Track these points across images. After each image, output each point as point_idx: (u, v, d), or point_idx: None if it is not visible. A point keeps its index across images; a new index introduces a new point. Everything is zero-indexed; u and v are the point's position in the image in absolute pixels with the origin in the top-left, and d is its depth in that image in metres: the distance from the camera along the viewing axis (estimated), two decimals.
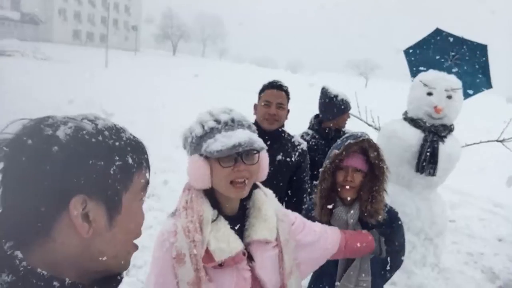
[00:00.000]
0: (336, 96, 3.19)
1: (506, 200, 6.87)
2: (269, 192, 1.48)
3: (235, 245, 1.27)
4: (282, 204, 1.98)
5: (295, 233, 1.50)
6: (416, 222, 3.92)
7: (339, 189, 1.86)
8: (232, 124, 1.30)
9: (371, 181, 1.83)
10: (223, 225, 1.30)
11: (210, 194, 1.34)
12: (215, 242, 1.25)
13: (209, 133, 1.29)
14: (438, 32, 4.20)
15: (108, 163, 0.71)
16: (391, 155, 3.96)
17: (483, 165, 8.81)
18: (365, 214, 1.84)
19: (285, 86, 2.60)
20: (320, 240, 1.57)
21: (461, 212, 6.20)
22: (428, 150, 3.69)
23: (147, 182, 0.81)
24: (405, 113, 4.08)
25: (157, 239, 1.32)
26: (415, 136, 3.80)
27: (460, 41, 4.12)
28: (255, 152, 1.31)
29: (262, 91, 2.61)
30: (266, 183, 1.51)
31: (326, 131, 3.19)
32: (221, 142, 1.24)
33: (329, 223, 1.84)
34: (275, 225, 1.38)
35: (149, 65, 31.89)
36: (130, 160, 0.75)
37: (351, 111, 4.65)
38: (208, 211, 1.29)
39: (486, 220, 6.08)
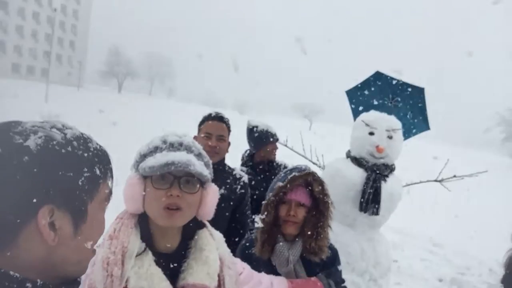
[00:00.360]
0: (255, 127, 3.18)
1: (445, 240, 7.09)
2: (218, 236, 1.32)
3: (160, 286, 1.11)
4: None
5: (242, 284, 1.38)
6: (360, 263, 3.84)
7: (281, 224, 1.76)
8: (179, 147, 1.20)
9: (315, 216, 1.75)
10: (149, 262, 1.13)
11: (145, 226, 1.19)
12: (136, 279, 1.10)
13: (152, 152, 1.20)
14: (378, 74, 4.34)
15: (77, 174, 0.72)
16: (335, 194, 3.90)
17: (422, 205, 9.12)
18: (309, 251, 1.74)
19: (226, 118, 2.58)
20: None
21: (404, 253, 6.28)
22: (371, 189, 3.69)
23: (111, 192, 0.83)
24: (348, 152, 4.10)
25: None
26: (358, 175, 3.80)
27: (399, 84, 4.27)
28: (196, 180, 1.18)
29: (202, 122, 2.56)
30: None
31: (260, 166, 3.15)
32: (156, 159, 1.14)
33: (269, 260, 1.73)
34: (216, 270, 1.22)
35: (91, 101, 30.98)
36: (98, 171, 0.76)
37: (295, 149, 4.68)
38: (134, 243, 1.14)
39: (427, 260, 6.20)
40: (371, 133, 3.87)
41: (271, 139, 3.16)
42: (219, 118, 2.53)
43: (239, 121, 3.42)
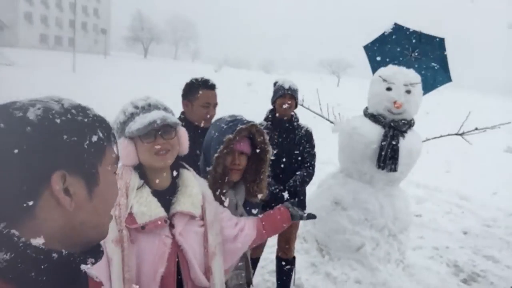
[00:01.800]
0: (276, 82, 3.23)
1: (472, 193, 6.97)
2: (202, 180, 1.69)
3: (156, 211, 1.44)
4: None
5: (223, 221, 1.70)
6: (379, 219, 3.88)
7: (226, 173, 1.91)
8: (149, 107, 1.51)
9: (255, 163, 1.92)
10: (147, 193, 1.46)
11: (140, 172, 1.51)
12: (138, 206, 1.42)
13: (130, 118, 1.49)
14: (396, 27, 4.19)
15: (81, 138, 0.74)
16: (353, 152, 3.93)
17: (449, 159, 8.95)
18: (251, 194, 1.96)
19: (215, 84, 2.66)
20: (241, 230, 1.76)
21: (427, 207, 6.24)
22: (389, 146, 3.65)
23: (118, 156, 0.86)
24: (366, 109, 4.05)
25: None
26: (375, 132, 3.77)
27: (418, 36, 4.12)
28: (171, 128, 1.51)
29: (197, 90, 2.57)
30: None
31: (276, 122, 3.17)
32: (139, 122, 1.45)
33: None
34: (200, 202, 1.57)
35: (118, 68, 31.29)
36: (100, 135, 0.78)
37: (313, 109, 4.64)
38: (135, 180, 1.47)
39: (451, 213, 6.13)
40: (389, 89, 3.79)
41: (280, 92, 3.11)
42: (212, 87, 2.61)
43: (265, 80, 3.39)
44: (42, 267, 0.69)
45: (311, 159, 3.27)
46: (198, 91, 2.56)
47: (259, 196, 1.95)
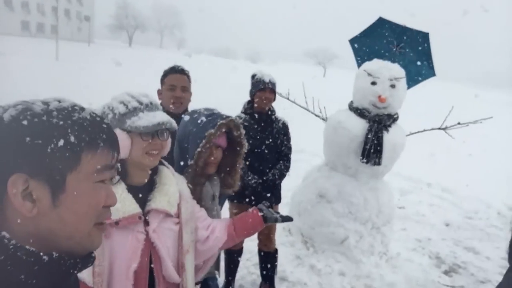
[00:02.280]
0: (255, 75, 3.21)
1: (454, 185, 7.09)
2: (180, 176, 1.72)
3: (131, 208, 1.45)
4: None
5: (198, 220, 1.72)
6: (363, 212, 3.93)
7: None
8: (152, 106, 1.54)
9: (231, 156, 1.97)
10: (122, 189, 1.47)
11: (123, 166, 1.51)
12: None
13: (132, 112, 1.49)
14: (381, 21, 4.20)
15: (46, 141, 0.70)
16: (338, 146, 3.95)
17: (432, 151, 9.06)
18: (226, 186, 2.02)
19: (187, 71, 2.73)
20: (213, 232, 1.78)
21: (411, 199, 6.33)
22: (373, 140, 3.68)
23: (108, 166, 0.79)
24: (351, 103, 4.06)
25: None
26: (360, 126, 3.79)
27: (403, 30, 4.13)
28: (168, 131, 1.56)
29: (165, 76, 2.69)
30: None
31: (256, 115, 3.17)
32: (147, 120, 1.47)
33: (200, 199, 1.94)
34: (176, 200, 1.59)
35: (102, 56, 30.79)
36: (73, 139, 0.73)
37: (298, 102, 4.64)
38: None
39: (435, 205, 6.23)
40: (373, 83, 3.81)
41: (260, 86, 3.10)
42: (180, 71, 2.68)
43: (252, 70, 3.37)
44: (32, 269, 0.68)
45: (288, 152, 3.33)
46: (166, 76, 2.69)
47: (233, 188, 2.02)
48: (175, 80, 2.65)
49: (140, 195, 1.52)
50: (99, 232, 0.80)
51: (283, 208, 4.58)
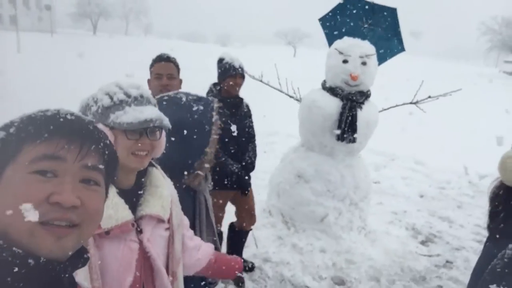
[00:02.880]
0: (223, 59, 3.16)
1: (426, 158, 7.28)
2: (168, 179, 1.53)
3: (123, 214, 1.28)
4: None
5: (185, 228, 1.58)
6: (341, 189, 3.99)
7: None
8: (142, 99, 1.34)
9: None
10: (113, 194, 1.28)
11: None
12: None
13: (117, 105, 1.30)
14: None
15: None
16: (313, 125, 3.97)
17: (404, 126, 9.25)
18: None
19: (173, 58, 2.72)
20: (198, 248, 1.65)
21: (385, 173, 6.47)
22: (347, 118, 3.72)
23: (49, 154, 0.73)
24: (324, 82, 4.08)
25: None
26: (334, 105, 3.82)
27: (371, 6, 4.15)
28: (159, 129, 1.37)
29: (152, 65, 2.69)
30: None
31: (228, 100, 3.14)
32: (133, 115, 1.27)
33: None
34: (169, 204, 1.43)
35: (66, 46, 29.83)
36: (13, 130, 0.72)
37: (271, 84, 4.62)
38: None
39: (408, 178, 6.40)
40: (345, 61, 3.82)
41: (231, 72, 3.08)
42: (166, 59, 2.68)
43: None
44: (19, 272, 0.65)
45: (254, 133, 3.40)
46: (152, 66, 2.69)
47: (211, 164, 2.01)
48: (161, 69, 2.64)
49: (129, 199, 1.34)
50: (47, 234, 0.70)
51: (262, 190, 4.61)
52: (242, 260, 1.78)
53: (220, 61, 3.17)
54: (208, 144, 1.72)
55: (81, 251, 0.77)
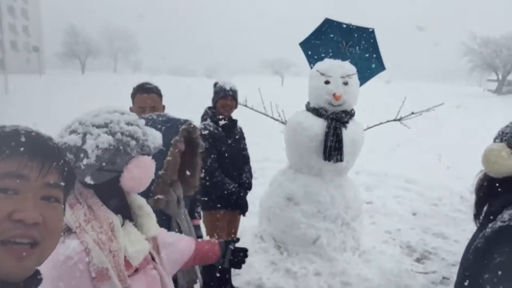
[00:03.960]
0: (216, 83, 3.33)
1: (417, 176, 7.30)
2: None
3: (146, 244, 1.26)
4: None
5: (161, 235, 1.51)
6: (331, 210, 3.95)
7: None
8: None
9: (189, 157, 1.93)
10: (132, 228, 1.25)
11: (113, 200, 1.24)
12: (131, 246, 1.20)
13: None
14: (327, 22, 4.29)
15: None
16: (299, 147, 3.97)
17: (393, 145, 9.30)
18: (189, 187, 1.96)
19: (154, 87, 2.68)
20: (178, 242, 1.63)
21: (377, 193, 6.46)
22: (332, 137, 3.73)
23: (12, 173, 0.72)
24: (308, 104, 4.11)
25: (61, 267, 1.08)
26: (319, 125, 3.83)
27: (349, 29, 4.24)
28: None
29: (133, 95, 2.66)
30: None
31: (222, 121, 3.26)
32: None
33: (167, 207, 1.87)
34: (155, 220, 1.38)
35: (55, 86, 29.93)
36: None
37: (259, 108, 4.66)
38: (115, 217, 1.21)
39: (400, 197, 6.38)
40: (327, 82, 3.87)
41: (221, 94, 3.24)
42: (147, 90, 2.62)
43: (208, 85, 3.47)
44: None
45: (248, 155, 3.56)
46: (135, 96, 2.63)
47: (194, 189, 1.97)
48: (143, 102, 2.59)
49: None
50: (8, 254, 0.69)
51: (253, 216, 4.56)
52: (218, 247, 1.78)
53: (215, 85, 3.35)
54: (162, 166, 1.69)
55: (35, 273, 0.75)
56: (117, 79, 46.37)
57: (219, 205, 3.27)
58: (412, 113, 4.30)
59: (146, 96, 2.60)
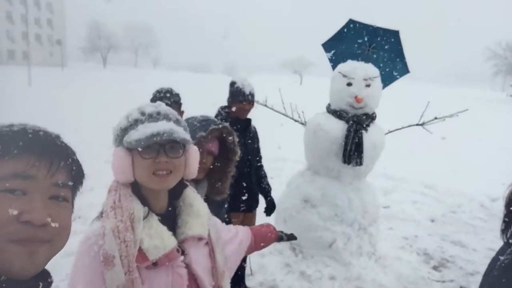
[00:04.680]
0: (234, 83, 3.17)
1: (436, 181, 7.17)
2: (198, 195, 1.48)
3: (169, 241, 1.24)
4: None
5: (221, 231, 1.53)
6: (349, 213, 3.90)
7: None
8: (157, 116, 1.26)
9: (222, 163, 1.91)
10: (155, 222, 1.24)
11: (138, 192, 1.28)
12: (148, 239, 1.20)
13: (132, 125, 1.24)
14: (351, 22, 4.22)
15: None
16: (319, 149, 3.94)
17: (412, 149, 9.17)
18: (215, 192, 1.93)
19: (174, 96, 2.76)
20: (236, 234, 1.66)
21: (395, 197, 6.36)
22: (353, 140, 3.68)
23: (19, 173, 0.71)
24: (328, 105, 4.06)
25: (82, 245, 1.19)
26: (339, 128, 3.79)
27: (374, 30, 4.17)
28: (179, 144, 1.27)
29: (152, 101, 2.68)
30: None
31: (237, 124, 3.15)
32: (141, 131, 1.21)
33: None
34: (206, 221, 1.39)
35: (77, 79, 30.43)
36: None
37: (275, 108, 4.63)
38: (139, 209, 1.23)
39: (418, 202, 6.28)
40: (349, 84, 3.82)
41: (240, 98, 3.11)
42: (166, 100, 2.67)
43: (227, 83, 3.35)
44: None
45: (261, 155, 3.50)
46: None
47: (222, 195, 1.93)
48: None
49: (168, 224, 1.29)
50: (19, 249, 0.69)
51: (269, 217, 4.53)
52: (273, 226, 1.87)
53: (232, 84, 3.19)
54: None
55: (46, 275, 0.75)
56: (138, 73, 46.91)
57: (233, 208, 3.18)
58: (436, 118, 4.21)
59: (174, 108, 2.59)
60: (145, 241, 1.19)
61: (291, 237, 1.92)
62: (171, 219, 1.33)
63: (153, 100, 2.61)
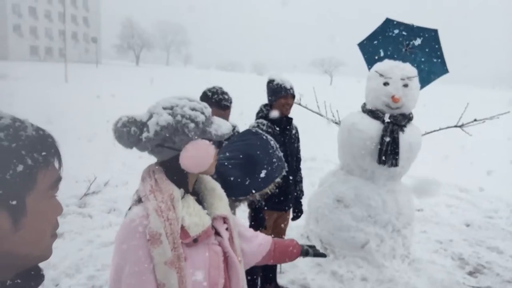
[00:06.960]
0: (273, 80, 3.18)
1: (471, 185, 6.97)
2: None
3: (206, 219, 1.34)
4: None
5: (238, 224, 1.60)
6: (382, 215, 3.85)
7: None
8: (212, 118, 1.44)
9: None
10: (192, 201, 1.35)
11: (172, 177, 1.36)
12: (189, 217, 1.30)
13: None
14: (388, 22, 4.16)
15: (4, 168, 0.66)
16: (353, 148, 3.90)
17: (447, 152, 8.94)
18: None
19: (230, 104, 2.66)
20: (256, 236, 1.69)
21: (429, 200, 6.22)
22: (389, 140, 3.63)
23: (58, 178, 0.78)
24: (364, 105, 4.02)
25: (126, 228, 1.27)
26: (374, 128, 3.74)
27: (411, 29, 4.09)
28: None
29: (209, 104, 2.62)
30: None
31: (278, 121, 3.16)
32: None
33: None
34: (228, 203, 1.50)
35: (111, 76, 31.15)
36: (30, 161, 0.70)
37: (311, 107, 4.62)
38: (177, 190, 1.32)
39: (453, 206, 6.12)
40: (386, 83, 3.77)
41: (283, 93, 3.10)
42: (224, 107, 2.61)
43: (258, 82, 3.37)
44: None
45: (301, 158, 3.47)
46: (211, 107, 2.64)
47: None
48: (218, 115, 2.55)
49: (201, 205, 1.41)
50: (53, 242, 0.80)
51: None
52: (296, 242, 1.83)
53: (271, 82, 3.20)
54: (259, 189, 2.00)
55: (36, 270, 0.81)
56: (170, 71, 47.61)
57: (266, 207, 3.15)
58: (475, 120, 4.10)
59: (223, 113, 2.57)
60: (186, 219, 1.29)
61: (318, 254, 1.84)
62: (198, 200, 1.42)
63: (210, 99, 2.60)
